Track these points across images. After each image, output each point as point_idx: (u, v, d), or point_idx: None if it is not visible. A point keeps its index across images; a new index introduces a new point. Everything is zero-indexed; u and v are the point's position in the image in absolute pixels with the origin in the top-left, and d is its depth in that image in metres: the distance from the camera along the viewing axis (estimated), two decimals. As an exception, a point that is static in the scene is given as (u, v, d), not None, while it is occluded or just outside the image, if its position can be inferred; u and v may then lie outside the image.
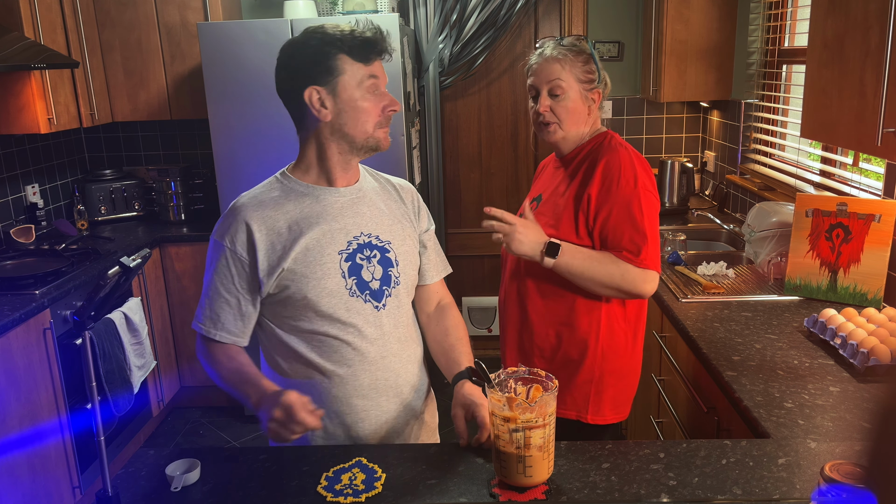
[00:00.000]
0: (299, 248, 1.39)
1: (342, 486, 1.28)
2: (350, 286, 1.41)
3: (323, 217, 1.42)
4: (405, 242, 1.50)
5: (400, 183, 1.59)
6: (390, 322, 1.47)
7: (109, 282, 1.22)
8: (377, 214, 1.48)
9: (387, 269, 1.46)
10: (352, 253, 1.42)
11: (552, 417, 1.23)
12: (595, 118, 1.79)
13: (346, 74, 1.36)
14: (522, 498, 1.24)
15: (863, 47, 1.67)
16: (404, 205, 1.55)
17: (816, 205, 2.20)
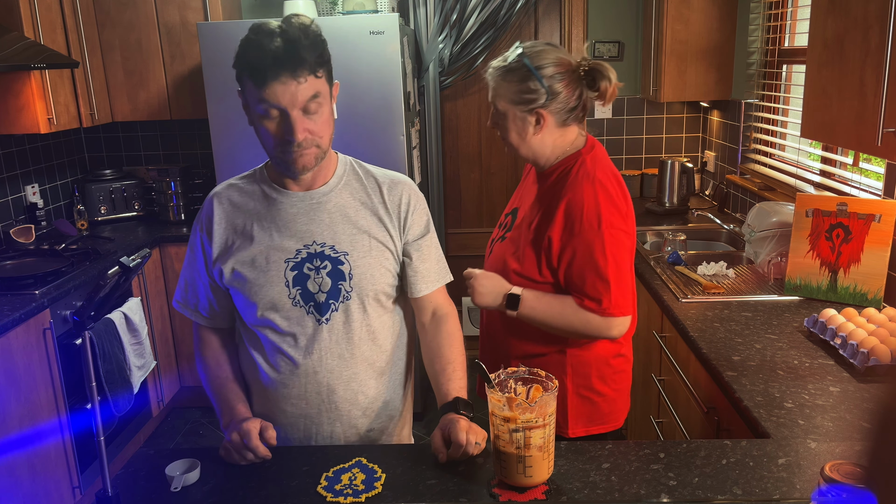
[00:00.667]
0: (247, 251, 1.40)
1: (342, 486, 1.28)
2: (294, 296, 1.39)
3: (276, 221, 1.40)
4: (369, 254, 1.41)
5: (392, 185, 1.46)
6: (332, 337, 1.41)
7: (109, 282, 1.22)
8: (337, 223, 1.41)
9: (337, 281, 1.39)
10: (299, 262, 1.39)
11: (552, 417, 1.23)
12: (562, 135, 1.64)
13: (246, 90, 1.30)
14: (522, 498, 1.24)
15: (863, 47, 1.67)
16: (386, 211, 1.44)
17: (816, 205, 2.20)
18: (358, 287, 1.41)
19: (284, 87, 1.25)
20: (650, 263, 2.64)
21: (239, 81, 1.31)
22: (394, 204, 1.45)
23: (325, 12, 3.50)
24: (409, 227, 1.46)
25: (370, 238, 1.42)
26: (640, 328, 2.67)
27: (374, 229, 1.43)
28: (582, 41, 3.78)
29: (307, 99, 1.28)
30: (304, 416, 1.46)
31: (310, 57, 1.26)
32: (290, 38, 1.25)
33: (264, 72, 1.24)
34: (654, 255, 2.73)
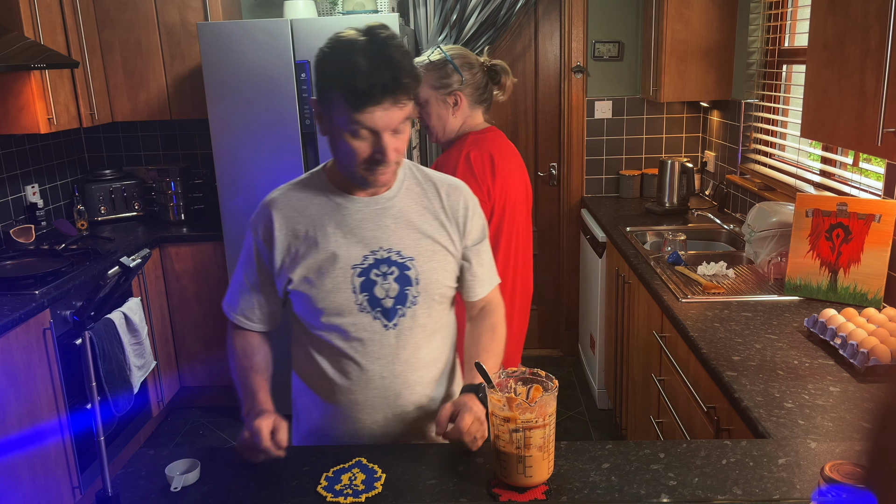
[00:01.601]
0: (312, 258, 1.38)
1: (342, 486, 1.28)
2: (361, 302, 1.38)
3: (341, 227, 1.38)
4: (433, 259, 1.41)
5: (450, 189, 1.47)
6: (399, 342, 1.41)
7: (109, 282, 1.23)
8: (403, 228, 1.40)
9: (404, 287, 1.39)
10: (366, 268, 1.37)
11: (552, 418, 1.23)
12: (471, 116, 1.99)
13: (335, 107, 1.27)
14: (522, 498, 1.24)
15: (863, 47, 1.68)
16: (446, 216, 1.44)
17: (816, 205, 2.20)
18: (424, 292, 1.40)
19: (385, 113, 1.24)
20: (650, 263, 2.64)
21: (324, 95, 1.28)
22: (453, 209, 1.45)
23: (325, 12, 3.50)
24: (468, 232, 1.47)
25: (433, 242, 1.42)
26: (640, 328, 2.68)
27: (436, 234, 1.43)
28: (582, 41, 3.78)
29: (401, 121, 1.28)
30: (370, 420, 1.45)
31: (411, 82, 1.26)
32: (394, 63, 1.23)
33: (365, 98, 1.22)
34: (654, 255, 2.73)
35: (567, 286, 4.10)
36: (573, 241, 4.05)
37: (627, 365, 2.94)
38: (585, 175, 3.95)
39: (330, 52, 1.26)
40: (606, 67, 3.83)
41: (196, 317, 3.56)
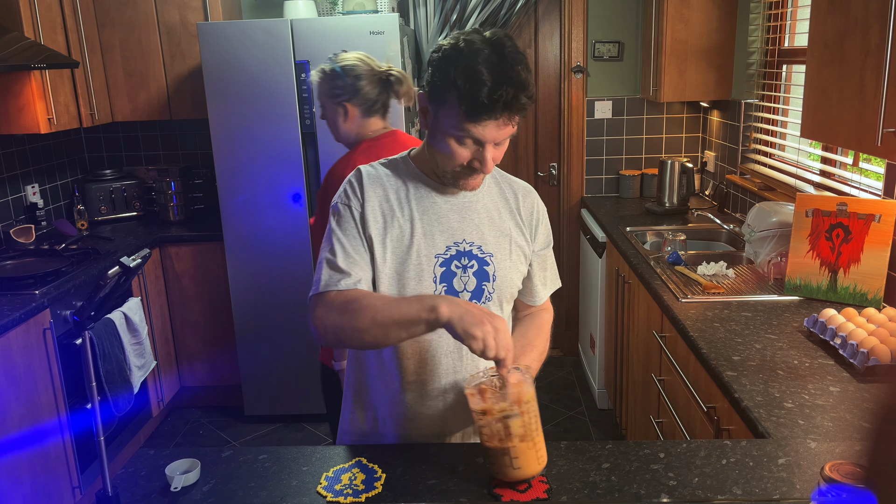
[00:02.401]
0: (398, 239, 1.35)
1: (342, 486, 1.28)
2: (440, 292, 1.36)
3: (428, 214, 1.38)
4: (509, 257, 1.42)
5: (525, 192, 1.49)
6: None
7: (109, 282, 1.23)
8: (486, 224, 1.41)
9: (482, 282, 1.39)
10: (448, 259, 1.37)
11: (529, 405, 1.22)
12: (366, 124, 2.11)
13: (446, 108, 1.26)
14: (524, 497, 1.24)
15: (863, 47, 1.68)
16: (520, 217, 1.46)
17: (816, 205, 2.20)
18: (499, 289, 1.41)
19: (496, 127, 1.25)
20: (650, 263, 2.64)
21: (438, 95, 1.26)
22: (527, 211, 1.47)
23: (325, 12, 3.50)
24: (538, 236, 1.49)
25: (511, 241, 1.43)
26: (640, 328, 2.68)
27: (514, 233, 1.44)
28: (582, 41, 3.78)
29: (507, 136, 1.29)
30: (441, 415, 1.44)
31: (529, 102, 1.25)
32: (520, 81, 1.22)
33: (483, 111, 1.22)
34: (654, 255, 2.73)
35: (567, 286, 4.10)
36: (573, 241, 4.05)
37: (627, 365, 2.94)
38: (585, 175, 3.95)
39: (453, 53, 1.24)
40: (606, 67, 3.83)
41: (196, 317, 3.56)
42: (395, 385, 1.43)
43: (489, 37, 1.25)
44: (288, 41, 3.09)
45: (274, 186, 3.24)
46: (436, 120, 1.30)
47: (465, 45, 1.24)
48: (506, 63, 1.21)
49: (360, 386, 1.50)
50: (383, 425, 1.47)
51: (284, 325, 3.39)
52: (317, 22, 3.11)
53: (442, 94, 1.25)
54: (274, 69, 3.12)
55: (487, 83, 1.20)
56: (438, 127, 1.29)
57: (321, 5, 3.50)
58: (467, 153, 1.29)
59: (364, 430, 1.50)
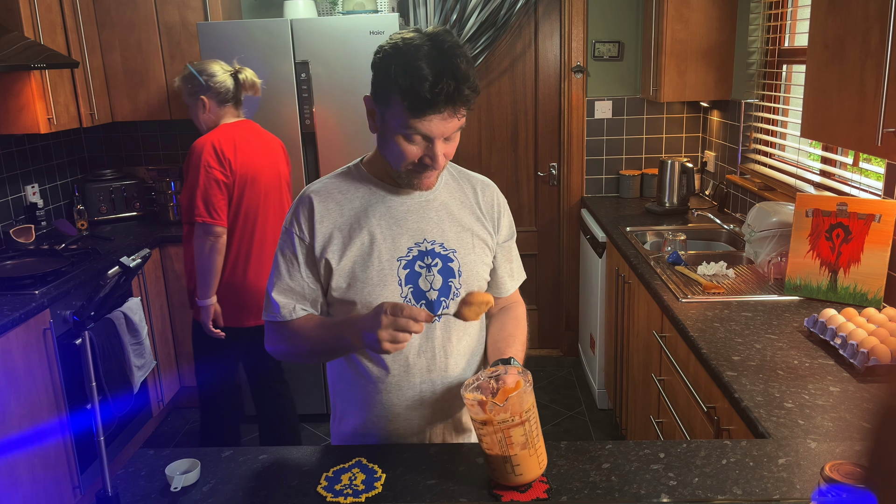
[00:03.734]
0: (357, 249, 1.36)
1: (342, 486, 1.28)
2: (406, 294, 1.37)
3: (385, 219, 1.38)
4: (473, 251, 1.43)
5: (483, 186, 1.50)
6: (443, 335, 1.41)
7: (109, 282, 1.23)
8: (445, 220, 1.41)
9: (447, 279, 1.39)
10: (411, 260, 1.37)
11: (530, 413, 1.21)
12: (220, 115, 2.61)
13: (391, 108, 1.26)
14: (524, 498, 1.24)
15: (863, 47, 1.68)
16: (481, 211, 1.47)
17: (816, 205, 2.20)
18: (466, 284, 1.41)
19: (442, 121, 1.24)
20: (650, 263, 2.64)
21: (381, 95, 1.27)
22: (487, 205, 1.48)
23: (325, 12, 3.50)
24: (500, 228, 1.50)
25: (473, 235, 1.44)
26: (640, 328, 2.68)
27: (475, 227, 1.45)
28: (582, 41, 3.78)
29: (455, 130, 1.28)
30: (419, 416, 1.44)
31: (472, 94, 1.24)
32: (460, 73, 1.21)
33: (426, 106, 1.21)
34: (654, 255, 2.73)
35: (567, 286, 4.10)
36: (573, 241, 4.05)
37: (627, 365, 2.94)
38: (585, 175, 3.95)
39: (393, 52, 1.24)
40: (606, 67, 3.83)
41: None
42: (372, 388, 1.43)
43: (428, 32, 1.26)
44: (288, 41, 3.09)
45: (274, 186, 3.24)
46: (383, 121, 1.30)
47: (403, 43, 1.24)
48: (445, 56, 1.21)
49: (342, 389, 1.50)
50: (368, 427, 1.47)
51: None
52: (317, 22, 3.11)
53: (385, 94, 1.26)
54: (274, 69, 3.12)
55: (428, 78, 1.19)
56: (386, 127, 1.30)
57: (321, 5, 3.50)
58: (417, 150, 1.28)
59: (351, 432, 1.50)
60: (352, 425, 1.49)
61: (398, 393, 1.42)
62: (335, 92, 3.13)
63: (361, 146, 3.17)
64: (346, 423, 1.51)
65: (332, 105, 3.14)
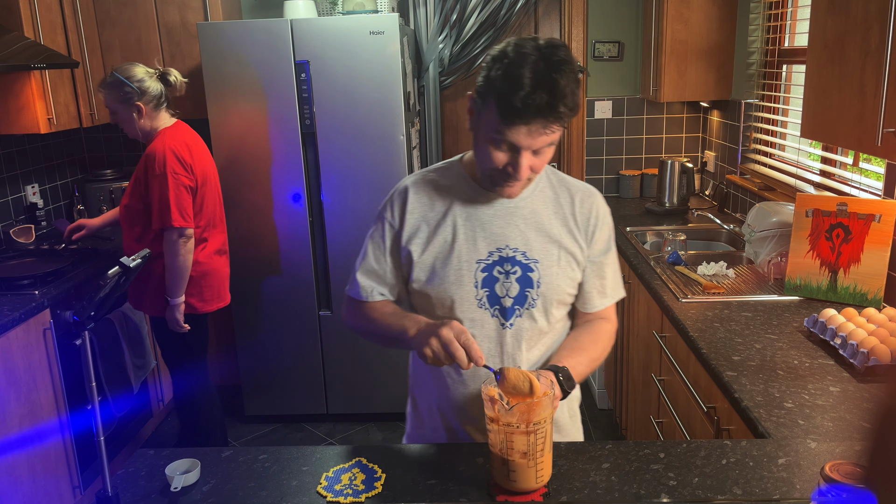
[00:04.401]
0: (439, 244, 1.39)
1: (342, 486, 1.28)
2: (481, 297, 1.38)
3: (471, 220, 1.39)
4: (557, 264, 1.39)
5: (584, 197, 1.44)
6: (514, 343, 1.40)
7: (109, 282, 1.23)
8: (532, 229, 1.39)
9: (525, 288, 1.38)
10: (490, 264, 1.37)
11: (539, 426, 1.18)
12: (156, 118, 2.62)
13: (487, 111, 1.26)
14: (519, 498, 1.23)
15: (863, 47, 1.68)
16: (574, 223, 1.42)
17: (816, 205, 2.20)
18: (544, 296, 1.39)
19: (531, 133, 1.23)
20: (650, 263, 2.64)
21: (482, 95, 1.27)
22: (583, 217, 1.43)
23: (325, 12, 3.50)
24: (594, 242, 1.44)
25: (560, 248, 1.40)
26: (640, 328, 2.68)
27: (564, 239, 1.41)
28: (582, 41, 3.78)
29: (545, 145, 1.27)
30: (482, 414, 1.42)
31: (567, 112, 1.23)
32: (557, 89, 1.20)
33: (516, 115, 1.21)
34: (654, 255, 2.73)
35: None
36: (573, 241, 4.04)
37: (627, 365, 2.94)
38: (585, 175, 3.95)
39: (501, 56, 1.24)
40: (606, 67, 3.83)
41: (196, 317, 3.55)
42: (443, 382, 1.45)
43: (541, 44, 1.24)
44: (288, 41, 3.09)
45: (273, 186, 3.24)
46: (478, 122, 1.30)
47: (514, 49, 1.23)
48: (548, 69, 1.20)
49: (414, 381, 1.56)
50: (437, 415, 1.49)
51: (284, 325, 3.39)
52: (317, 22, 3.11)
53: (485, 96, 1.26)
54: (274, 69, 3.12)
55: (525, 87, 1.19)
56: (480, 129, 1.30)
57: (321, 5, 3.50)
58: (503, 157, 1.28)
59: (422, 422, 1.53)
60: (425, 414, 1.53)
61: (464, 390, 1.43)
62: (335, 92, 3.13)
63: (362, 146, 3.17)
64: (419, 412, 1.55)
65: (332, 105, 3.14)
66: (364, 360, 3.41)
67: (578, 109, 1.26)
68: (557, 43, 1.25)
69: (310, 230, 3.30)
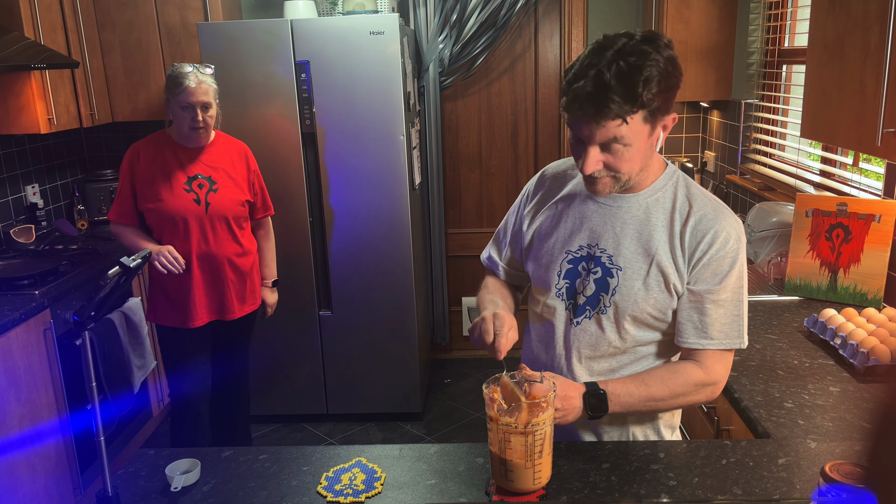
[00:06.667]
0: (544, 228, 1.43)
1: (342, 486, 1.28)
2: (561, 287, 1.39)
3: (576, 211, 1.40)
4: (642, 279, 1.31)
5: (701, 218, 1.31)
6: (578, 342, 1.37)
7: (109, 282, 1.23)
8: (629, 235, 1.33)
9: (600, 291, 1.34)
10: (578, 258, 1.37)
11: (537, 428, 1.18)
12: None
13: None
14: (515, 498, 1.23)
15: (863, 47, 1.68)
16: (681, 243, 1.30)
17: (816, 205, 2.20)
18: (618, 305, 1.33)
19: (587, 124, 1.21)
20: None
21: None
22: (693, 239, 1.31)
23: (325, 12, 3.50)
24: (697, 272, 1.31)
25: (653, 263, 1.31)
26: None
27: (662, 256, 1.31)
28: (582, 41, 3.78)
29: (608, 139, 1.22)
30: None
31: (616, 106, 1.17)
32: (602, 80, 1.17)
33: (566, 103, 1.22)
34: (654, 255, 2.73)
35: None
36: (573, 241, 4.04)
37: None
38: (585, 175, 3.95)
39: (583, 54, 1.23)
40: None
41: (196, 317, 3.55)
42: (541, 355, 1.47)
43: (620, 34, 1.22)
44: (288, 41, 3.09)
45: (273, 186, 3.24)
46: None
47: (595, 42, 1.23)
48: (599, 59, 1.18)
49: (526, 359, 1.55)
50: None
51: (284, 324, 3.38)
52: (317, 22, 3.11)
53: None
54: (274, 69, 3.12)
55: (575, 75, 1.20)
56: None
57: (321, 5, 3.50)
58: (576, 151, 1.29)
59: None
60: None
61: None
62: (335, 92, 3.13)
63: (362, 146, 3.17)
64: None
65: (332, 105, 3.14)
66: (364, 360, 3.41)
67: (652, 105, 1.20)
68: (650, 35, 1.20)
69: (310, 230, 3.30)
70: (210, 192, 2.53)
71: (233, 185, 2.57)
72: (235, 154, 2.62)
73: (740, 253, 1.31)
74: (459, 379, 3.90)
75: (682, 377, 1.32)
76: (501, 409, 1.19)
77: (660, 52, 1.19)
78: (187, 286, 2.55)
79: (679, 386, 1.31)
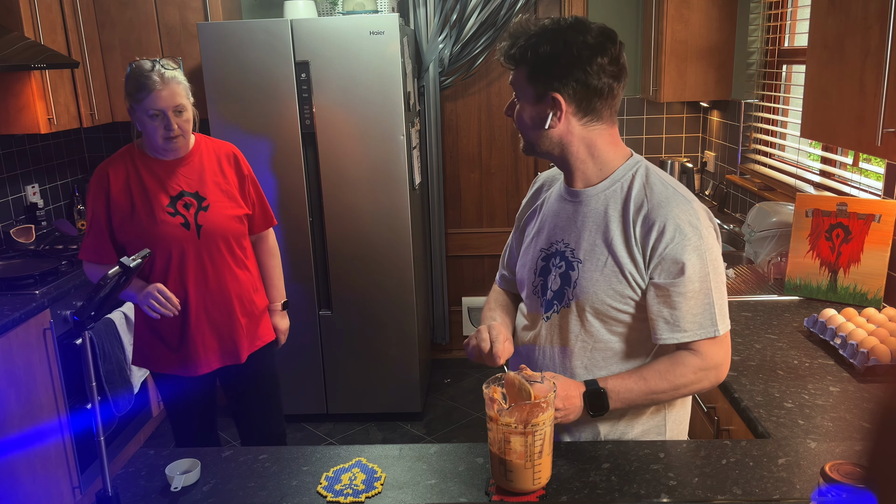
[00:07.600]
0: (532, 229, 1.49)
1: (342, 486, 1.28)
2: (535, 284, 1.44)
3: (551, 211, 1.45)
4: (600, 271, 1.31)
5: (654, 206, 1.29)
6: (548, 336, 1.41)
7: (109, 282, 1.23)
8: (589, 229, 1.34)
9: (564, 285, 1.37)
10: (548, 255, 1.42)
11: (537, 428, 1.18)
12: None
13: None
14: (514, 498, 1.23)
15: (863, 47, 1.68)
16: (635, 234, 1.29)
17: (816, 205, 2.20)
18: (579, 298, 1.34)
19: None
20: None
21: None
22: (643, 230, 1.29)
23: (325, 12, 3.50)
24: (653, 262, 1.28)
25: (609, 254, 1.31)
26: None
27: (619, 248, 1.31)
28: (582, 41, 3.77)
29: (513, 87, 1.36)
30: None
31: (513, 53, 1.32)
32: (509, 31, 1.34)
33: None
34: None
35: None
36: (573, 241, 4.04)
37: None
38: (585, 175, 3.95)
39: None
40: (606, 67, 3.83)
41: (196, 317, 3.55)
42: None
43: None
44: (288, 41, 3.09)
45: (273, 187, 3.24)
46: None
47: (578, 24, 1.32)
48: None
49: None
50: None
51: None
52: (317, 22, 3.11)
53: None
54: (274, 69, 3.12)
55: None
56: None
57: (321, 5, 3.50)
58: None
59: None
60: None
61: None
62: (335, 92, 3.13)
63: (362, 146, 3.17)
64: None
65: (332, 105, 3.14)
66: (364, 360, 3.41)
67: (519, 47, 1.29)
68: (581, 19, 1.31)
69: (310, 230, 3.30)
70: (200, 211, 2.07)
71: (225, 199, 2.13)
72: (223, 159, 2.17)
73: (700, 240, 1.27)
74: (459, 379, 3.90)
75: (679, 368, 1.31)
76: (501, 409, 1.20)
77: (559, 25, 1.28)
78: (185, 328, 2.12)
79: (678, 377, 1.30)
